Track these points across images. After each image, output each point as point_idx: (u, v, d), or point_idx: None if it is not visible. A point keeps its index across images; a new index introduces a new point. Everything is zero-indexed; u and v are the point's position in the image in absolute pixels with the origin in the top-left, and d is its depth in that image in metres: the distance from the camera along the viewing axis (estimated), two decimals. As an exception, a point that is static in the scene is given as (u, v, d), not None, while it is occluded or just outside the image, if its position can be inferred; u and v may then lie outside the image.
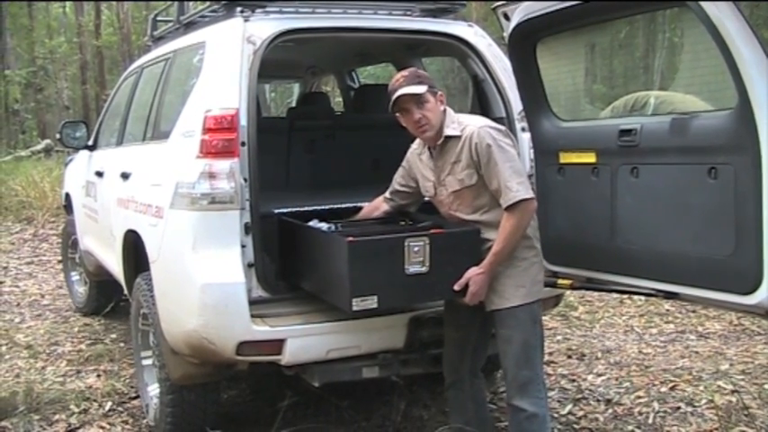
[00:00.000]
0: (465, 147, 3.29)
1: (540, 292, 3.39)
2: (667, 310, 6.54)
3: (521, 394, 3.29)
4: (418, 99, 3.29)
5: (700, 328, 6.09)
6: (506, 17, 3.76)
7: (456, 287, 3.24)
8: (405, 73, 3.37)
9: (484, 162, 3.23)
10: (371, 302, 3.14)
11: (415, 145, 3.59)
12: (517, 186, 3.18)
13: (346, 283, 3.14)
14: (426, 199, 3.65)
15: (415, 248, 3.20)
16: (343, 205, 4.00)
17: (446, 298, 3.43)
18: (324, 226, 3.65)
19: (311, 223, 3.70)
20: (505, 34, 3.80)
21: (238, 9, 3.81)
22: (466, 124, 3.33)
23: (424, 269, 3.21)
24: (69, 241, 6.97)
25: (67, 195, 6.87)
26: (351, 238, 3.17)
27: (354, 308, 3.13)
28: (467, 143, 3.28)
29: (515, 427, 3.37)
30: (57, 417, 4.46)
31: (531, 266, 3.34)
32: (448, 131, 3.34)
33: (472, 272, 3.23)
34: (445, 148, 3.37)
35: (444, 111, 3.37)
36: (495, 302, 3.32)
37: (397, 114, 3.38)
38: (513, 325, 3.30)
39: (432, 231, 3.33)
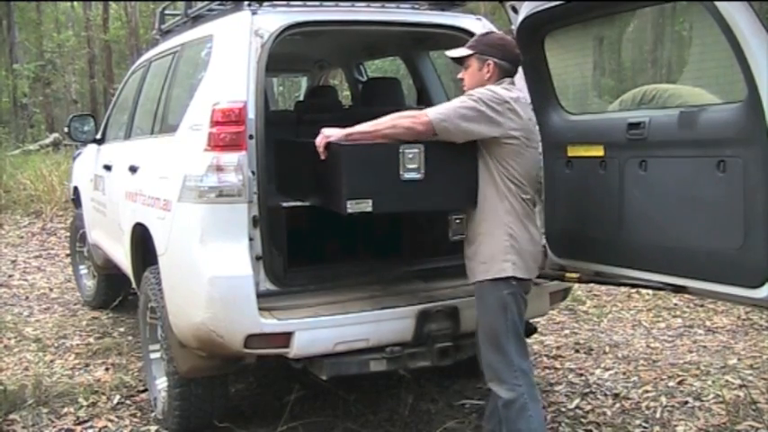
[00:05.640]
0: None
1: (504, 271, 3.23)
2: (675, 304, 6.53)
3: (495, 379, 3.29)
4: (461, 60, 3.43)
5: (708, 323, 6.08)
6: (515, 10, 3.75)
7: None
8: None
9: None
10: (366, 205, 3.20)
11: None
12: (439, 109, 3.24)
13: (341, 186, 3.21)
14: None
15: (410, 155, 3.23)
16: None
17: (441, 208, 3.52)
18: None
19: None
20: (514, 27, 3.79)
21: (246, 2, 3.80)
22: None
23: (419, 176, 3.25)
24: (77, 235, 6.99)
25: (75, 189, 6.89)
26: (345, 143, 3.25)
27: (349, 209, 3.19)
28: None
29: (495, 413, 3.39)
30: (65, 410, 4.48)
31: (495, 243, 3.25)
32: None
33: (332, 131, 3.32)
34: None
35: (486, 79, 3.35)
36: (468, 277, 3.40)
37: None
38: (480, 305, 3.34)
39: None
